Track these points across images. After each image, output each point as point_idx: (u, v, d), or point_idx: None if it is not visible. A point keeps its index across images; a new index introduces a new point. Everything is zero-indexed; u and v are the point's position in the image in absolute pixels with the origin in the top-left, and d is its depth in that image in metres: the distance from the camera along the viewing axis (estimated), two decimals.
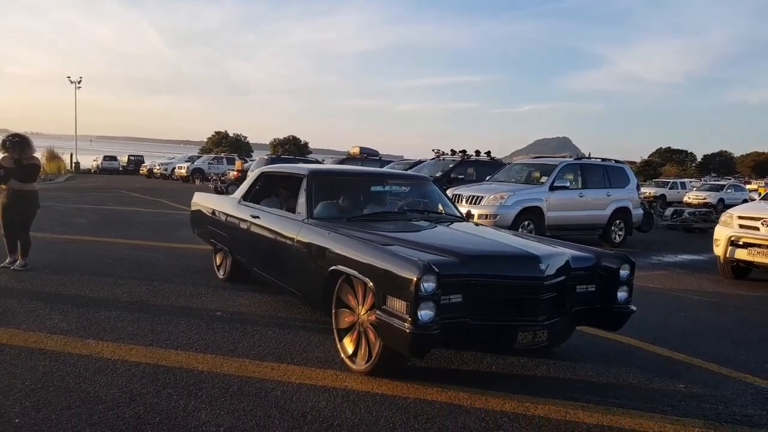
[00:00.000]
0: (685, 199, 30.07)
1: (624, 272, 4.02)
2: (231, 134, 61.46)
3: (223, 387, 3.54)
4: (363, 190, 5.39)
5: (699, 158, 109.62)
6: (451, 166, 12.94)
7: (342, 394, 3.52)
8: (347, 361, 3.95)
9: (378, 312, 3.48)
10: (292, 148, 55.64)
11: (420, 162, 15.12)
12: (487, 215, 9.61)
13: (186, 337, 4.46)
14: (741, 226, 8.15)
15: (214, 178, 24.19)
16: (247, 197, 6.01)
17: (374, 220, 4.81)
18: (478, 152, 13.58)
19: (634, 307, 4.11)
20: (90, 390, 3.41)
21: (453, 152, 13.54)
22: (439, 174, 12.67)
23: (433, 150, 14.00)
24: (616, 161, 12.32)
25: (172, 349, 4.19)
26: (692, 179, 45.86)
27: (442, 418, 3.26)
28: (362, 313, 3.81)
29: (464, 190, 10.47)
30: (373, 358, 3.71)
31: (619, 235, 11.67)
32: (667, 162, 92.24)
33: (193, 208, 7.34)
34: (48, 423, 2.98)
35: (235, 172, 23.21)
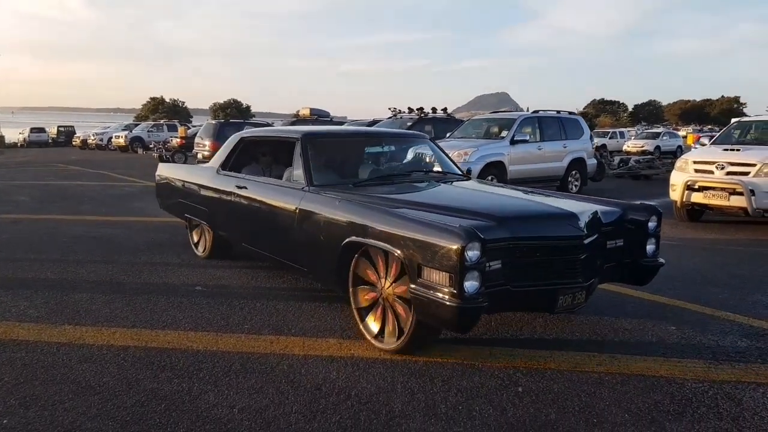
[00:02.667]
0: (625, 147, 31.09)
1: (652, 224, 3.89)
2: (168, 100, 58.74)
3: (225, 366, 3.37)
4: (361, 152, 5.03)
5: (630, 108, 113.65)
6: (409, 124, 12.77)
7: (351, 362, 3.43)
8: (373, 341, 3.64)
9: (413, 286, 3.18)
10: (233, 111, 53.79)
11: (376, 121, 14.87)
12: None
13: (170, 316, 4.22)
14: (696, 171, 8.44)
15: (157, 146, 23.09)
16: (226, 166, 5.47)
17: (381, 183, 4.42)
18: (434, 109, 13.46)
19: (662, 260, 3.99)
20: (80, 380, 3.17)
21: (410, 110, 13.37)
22: None
23: (389, 108, 13.81)
24: (570, 113, 12.49)
25: (158, 329, 3.96)
26: (629, 128, 47.44)
27: (457, 378, 3.22)
28: (386, 286, 3.51)
29: None
30: (404, 335, 3.41)
31: (576, 186, 11.94)
32: (601, 113, 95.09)
33: (158, 181, 6.71)
34: (41, 421, 2.74)
35: (179, 139, 22.25)
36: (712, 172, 8.22)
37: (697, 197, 8.33)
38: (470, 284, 2.98)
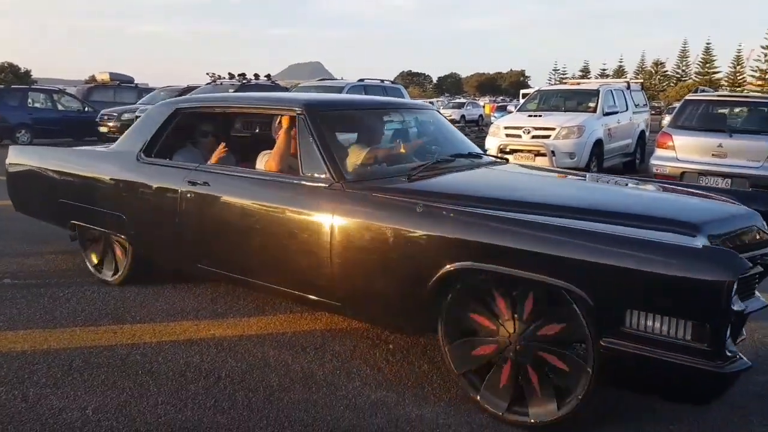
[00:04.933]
0: None
1: None
2: None
3: (63, 364, 2.91)
4: (383, 129, 3.77)
5: (435, 80, 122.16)
6: (231, 90, 12.12)
7: (213, 343, 3.19)
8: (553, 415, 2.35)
9: (609, 340, 2.14)
10: (9, 78, 46.11)
11: (191, 88, 13.85)
12: None
13: None
14: (507, 135, 9.34)
15: None
16: (152, 150, 3.76)
17: (440, 172, 3.15)
18: (257, 75, 12.95)
19: None
20: None
21: (231, 76, 12.69)
22: None
23: (207, 73, 12.93)
24: (392, 82, 12.94)
25: None
26: (437, 99, 50.83)
27: (330, 344, 3.19)
28: (521, 332, 2.38)
29: None
30: (570, 400, 2.30)
31: None
32: (410, 84, 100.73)
33: (12, 171, 4.61)
34: None
35: None
36: (520, 137, 9.17)
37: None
38: (728, 335, 2.04)
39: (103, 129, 13.93)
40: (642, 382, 2.26)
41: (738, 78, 70.90)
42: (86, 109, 15.49)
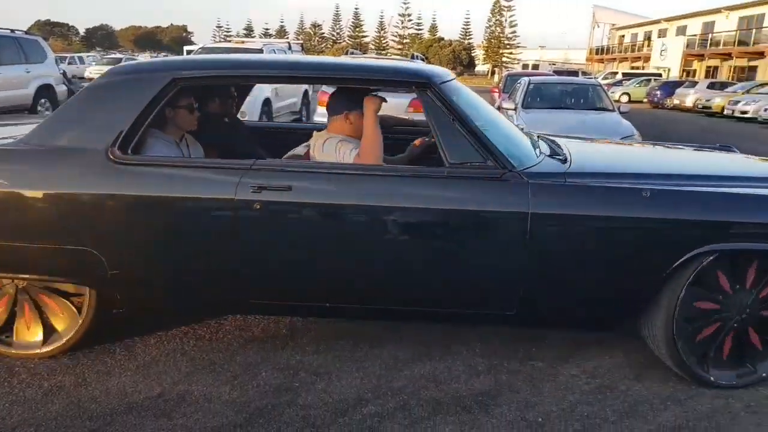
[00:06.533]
0: (87, 74, 29.68)
1: None
2: None
3: None
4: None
5: (82, 32, 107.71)
6: None
7: None
8: None
9: None
10: None
11: None
12: None
13: None
14: None
15: None
16: (128, 145, 2.44)
17: (555, 152, 2.91)
18: None
19: None
20: None
21: None
22: None
23: None
24: (27, 32, 10.99)
25: None
26: (89, 54, 45.02)
27: None
28: (743, 302, 2.47)
29: None
30: None
31: (48, 115, 10.81)
32: (50, 36, 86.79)
33: None
34: None
35: None
36: None
37: None
38: None
39: None
40: None
41: (382, 42, 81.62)
42: None
